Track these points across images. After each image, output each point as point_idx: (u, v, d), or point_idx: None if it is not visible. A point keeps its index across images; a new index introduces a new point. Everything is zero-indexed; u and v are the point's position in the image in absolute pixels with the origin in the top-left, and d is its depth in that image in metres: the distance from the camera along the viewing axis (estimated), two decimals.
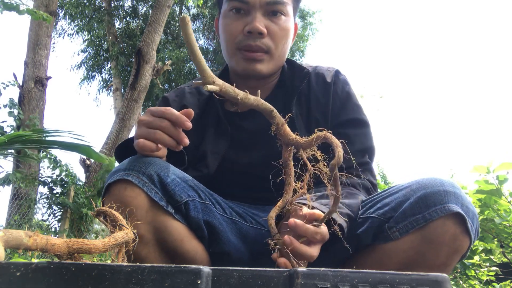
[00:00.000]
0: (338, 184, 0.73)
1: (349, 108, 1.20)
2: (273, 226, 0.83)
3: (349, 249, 0.87)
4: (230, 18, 1.14)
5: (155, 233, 0.92)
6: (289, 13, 1.15)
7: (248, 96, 0.78)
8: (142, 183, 0.90)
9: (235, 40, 1.13)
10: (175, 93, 1.29)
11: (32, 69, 5.83)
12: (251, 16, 1.11)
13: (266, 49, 1.12)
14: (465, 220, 0.85)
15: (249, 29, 1.09)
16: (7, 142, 2.07)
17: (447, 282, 0.52)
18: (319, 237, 0.81)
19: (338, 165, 0.69)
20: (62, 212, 5.51)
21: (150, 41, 6.74)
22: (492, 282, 2.19)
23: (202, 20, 12.92)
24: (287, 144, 0.80)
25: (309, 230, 0.80)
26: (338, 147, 0.69)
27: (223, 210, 1.06)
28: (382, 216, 0.94)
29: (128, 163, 0.93)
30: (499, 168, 1.92)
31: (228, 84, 0.75)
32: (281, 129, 0.79)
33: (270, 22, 1.11)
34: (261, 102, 0.79)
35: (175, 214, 0.94)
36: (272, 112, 0.79)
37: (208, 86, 0.71)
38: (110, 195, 0.90)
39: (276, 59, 1.15)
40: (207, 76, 0.71)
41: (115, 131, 6.55)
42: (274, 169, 0.83)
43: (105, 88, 12.84)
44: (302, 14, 13.51)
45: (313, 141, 0.74)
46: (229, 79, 1.25)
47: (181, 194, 0.95)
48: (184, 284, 0.48)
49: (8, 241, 0.50)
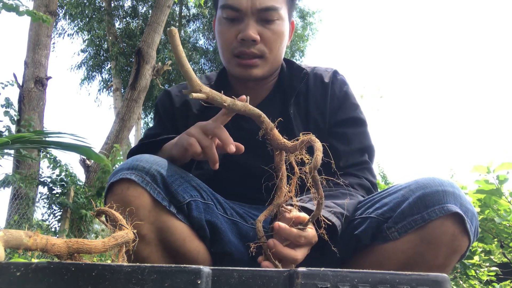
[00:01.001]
0: (320, 187, 0.74)
1: (346, 107, 1.20)
2: (260, 229, 0.83)
3: (337, 252, 0.87)
4: (223, 25, 1.14)
5: (158, 233, 0.92)
6: (282, 16, 1.14)
7: (235, 102, 0.79)
8: (145, 182, 0.90)
9: (229, 47, 1.13)
10: (178, 88, 1.29)
11: (32, 69, 5.83)
12: (244, 23, 1.10)
13: (260, 55, 1.12)
14: (464, 220, 0.85)
15: (242, 37, 1.09)
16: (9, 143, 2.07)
17: (447, 282, 0.52)
18: (303, 241, 0.81)
19: (315, 168, 0.70)
20: (62, 212, 5.50)
21: (150, 41, 6.74)
22: (492, 282, 2.19)
23: (202, 20, 12.92)
24: (276, 148, 0.81)
25: (292, 233, 0.80)
26: (318, 151, 0.71)
27: (224, 211, 1.06)
28: (381, 216, 0.94)
29: (131, 162, 0.92)
30: (499, 168, 1.92)
31: (216, 92, 0.77)
32: (270, 133, 0.80)
33: (263, 28, 1.11)
34: (249, 107, 0.80)
35: (177, 214, 0.94)
36: (261, 117, 0.80)
37: (194, 94, 0.73)
38: (113, 194, 0.90)
39: (271, 62, 1.15)
40: (194, 85, 0.74)
41: (115, 131, 6.54)
42: (273, 170, 0.83)
43: (105, 88, 12.84)
44: (302, 14, 13.52)
45: (298, 145, 0.76)
46: (228, 80, 1.25)
47: (184, 194, 0.95)
48: (184, 284, 0.48)
49: (8, 241, 0.50)
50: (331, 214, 0.90)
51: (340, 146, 1.15)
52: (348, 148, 1.15)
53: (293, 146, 0.77)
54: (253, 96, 1.21)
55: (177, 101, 1.25)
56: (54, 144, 2.27)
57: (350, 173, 1.13)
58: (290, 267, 0.82)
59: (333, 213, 0.91)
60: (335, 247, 0.86)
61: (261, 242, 0.82)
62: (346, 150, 1.15)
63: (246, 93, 1.23)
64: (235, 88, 1.23)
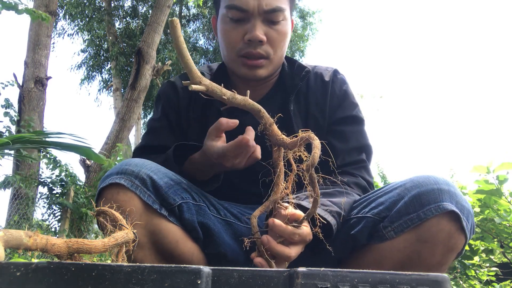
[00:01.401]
0: (316, 185, 0.73)
1: (346, 106, 1.20)
2: (255, 225, 0.83)
3: (334, 251, 0.87)
4: (229, 25, 1.14)
5: (150, 237, 0.92)
6: (287, 17, 1.15)
7: (235, 96, 0.78)
8: (134, 186, 0.90)
9: (235, 47, 1.13)
10: (182, 79, 1.27)
11: (32, 69, 5.83)
12: (250, 23, 1.10)
13: (266, 56, 1.12)
14: (460, 218, 0.84)
15: (249, 38, 1.09)
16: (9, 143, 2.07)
17: (447, 282, 0.52)
18: (296, 238, 0.81)
19: (312, 166, 0.70)
20: (62, 212, 5.51)
21: (150, 41, 6.74)
22: (492, 282, 2.19)
23: (202, 20, 12.93)
24: (275, 144, 0.81)
25: (286, 230, 0.80)
26: (315, 148, 0.70)
27: (217, 212, 1.06)
28: (377, 215, 0.94)
29: (120, 166, 0.93)
30: (499, 168, 1.92)
31: (216, 84, 0.75)
32: (269, 129, 0.80)
33: (269, 29, 1.11)
34: (249, 102, 0.79)
35: (169, 217, 0.94)
36: (260, 112, 0.79)
37: (193, 86, 0.72)
38: (103, 200, 0.90)
39: (275, 62, 1.16)
40: (194, 77, 0.72)
41: (115, 131, 6.54)
42: (271, 166, 0.83)
43: (105, 88, 12.84)
44: (302, 14, 13.52)
45: (297, 141, 0.75)
46: (228, 76, 1.25)
47: (174, 196, 0.95)
48: (184, 284, 0.48)
49: (8, 241, 0.50)
50: (326, 213, 0.90)
51: (338, 144, 1.15)
52: (346, 146, 1.16)
53: (291, 142, 0.77)
54: (253, 92, 1.22)
55: (182, 93, 1.23)
56: (54, 144, 2.27)
57: (347, 171, 1.13)
58: (283, 264, 0.82)
59: (329, 212, 0.91)
60: (332, 246, 0.85)
61: (255, 238, 0.82)
62: (344, 148, 1.15)
63: (247, 89, 1.22)
64: (236, 84, 1.23)
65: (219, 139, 0.98)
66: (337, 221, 0.92)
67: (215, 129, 0.97)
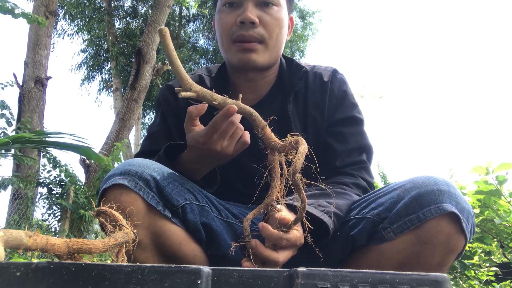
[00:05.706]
0: (302, 191, 0.73)
1: (345, 106, 1.20)
2: (247, 228, 0.84)
3: (334, 252, 0.86)
4: (223, 12, 1.15)
5: (153, 238, 0.92)
6: (281, 3, 1.16)
7: (226, 100, 0.79)
8: (138, 187, 0.89)
9: (229, 32, 1.14)
10: (191, 76, 1.25)
11: (32, 69, 5.82)
12: (243, 7, 1.12)
13: (260, 38, 1.12)
14: (460, 219, 0.84)
15: (241, 19, 1.10)
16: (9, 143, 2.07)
17: (447, 282, 0.52)
18: (284, 243, 0.80)
19: (295, 172, 0.70)
20: (62, 212, 5.50)
21: (150, 41, 6.75)
22: (492, 282, 2.19)
23: (202, 20, 12.93)
24: (268, 147, 0.81)
25: (273, 235, 0.80)
26: (299, 154, 0.71)
27: (218, 212, 1.06)
28: (377, 216, 0.93)
29: (123, 167, 0.92)
30: (499, 168, 1.92)
31: (206, 90, 0.78)
32: (262, 132, 0.80)
33: (262, 12, 1.12)
34: (241, 105, 0.80)
35: (172, 218, 0.94)
36: (252, 115, 0.80)
37: (183, 94, 0.74)
38: (106, 200, 0.89)
39: (271, 49, 1.14)
40: (185, 83, 0.75)
41: (115, 131, 6.54)
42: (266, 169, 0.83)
43: (105, 88, 12.84)
44: (302, 14, 13.52)
45: (286, 145, 0.76)
46: (227, 74, 1.24)
47: (178, 197, 0.94)
48: (184, 284, 0.48)
49: (8, 241, 0.50)
50: (323, 214, 0.90)
51: (337, 145, 1.15)
52: (346, 147, 1.15)
53: (282, 146, 0.77)
54: (254, 92, 1.21)
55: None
56: (54, 144, 2.27)
57: (346, 172, 1.13)
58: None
59: (326, 212, 0.90)
60: (331, 247, 0.85)
61: (245, 241, 0.82)
62: (344, 149, 1.15)
63: (246, 86, 1.22)
64: (235, 82, 1.23)
65: (196, 127, 0.96)
66: (334, 221, 0.92)
67: (188, 120, 0.95)
